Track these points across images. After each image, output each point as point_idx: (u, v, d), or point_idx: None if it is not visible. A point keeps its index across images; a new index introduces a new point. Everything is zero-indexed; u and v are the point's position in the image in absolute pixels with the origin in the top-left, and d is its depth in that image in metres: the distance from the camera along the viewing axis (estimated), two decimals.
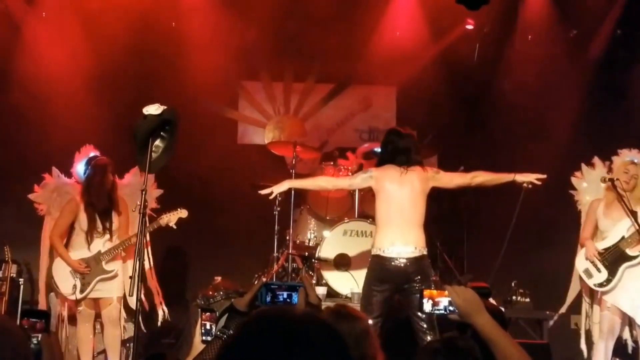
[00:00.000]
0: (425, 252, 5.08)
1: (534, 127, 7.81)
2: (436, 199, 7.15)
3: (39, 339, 1.95)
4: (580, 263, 5.67)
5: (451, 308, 2.46)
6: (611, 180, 5.54)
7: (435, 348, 2.54)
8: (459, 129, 7.99)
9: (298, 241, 6.91)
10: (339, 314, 2.89)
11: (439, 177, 5.23)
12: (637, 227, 5.39)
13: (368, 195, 6.94)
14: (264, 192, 5.31)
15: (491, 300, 5.34)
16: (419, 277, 4.97)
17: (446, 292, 2.46)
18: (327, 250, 6.46)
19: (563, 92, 7.79)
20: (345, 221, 6.58)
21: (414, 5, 8.11)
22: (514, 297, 6.45)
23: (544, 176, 5.18)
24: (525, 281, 6.64)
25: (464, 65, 8.13)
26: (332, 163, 7.06)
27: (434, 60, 8.08)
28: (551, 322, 6.12)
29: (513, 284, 6.48)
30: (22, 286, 6.70)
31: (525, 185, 5.18)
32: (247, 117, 8.55)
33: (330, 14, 7.66)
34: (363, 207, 6.97)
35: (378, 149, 7.17)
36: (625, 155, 5.75)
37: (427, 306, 2.56)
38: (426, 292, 2.57)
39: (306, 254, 6.73)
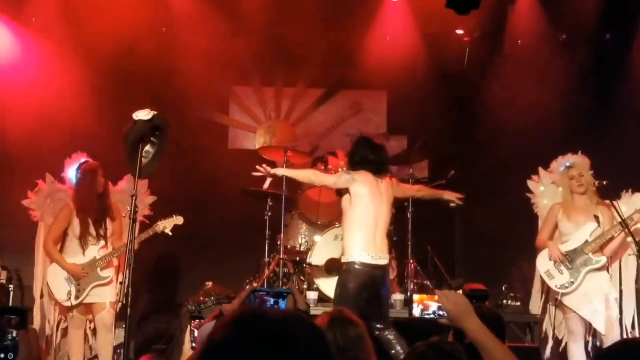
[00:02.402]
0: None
1: (523, 131, 7.83)
2: (426, 203, 7.19)
3: (14, 335, 1.95)
4: (542, 264, 5.74)
5: (441, 312, 2.47)
6: (600, 184, 5.59)
7: (422, 351, 2.53)
8: (449, 133, 8.01)
9: (289, 246, 6.90)
10: (335, 318, 2.90)
11: (399, 188, 5.60)
12: (630, 233, 5.44)
13: None
14: (259, 168, 5.31)
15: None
16: (386, 285, 5.10)
17: (436, 297, 2.47)
18: (318, 255, 6.46)
19: (553, 95, 7.81)
20: (336, 226, 6.57)
21: (404, 10, 8.13)
22: (504, 301, 6.46)
23: (461, 196, 5.76)
24: (515, 285, 6.66)
25: (454, 70, 8.15)
26: (323, 167, 7.07)
27: (424, 65, 8.09)
28: None
29: (504, 288, 6.50)
30: (11, 292, 6.66)
31: (452, 204, 5.76)
32: (238, 122, 8.55)
33: (321, 19, 7.68)
34: None
35: None
36: (559, 167, 5.86)
37: (417, 310, 2.56)
38: (416, 297, 2.58)
39: (297, 258, 6.72)
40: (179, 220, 5.81)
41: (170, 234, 5.78)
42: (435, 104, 8.08)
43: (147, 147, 4.37)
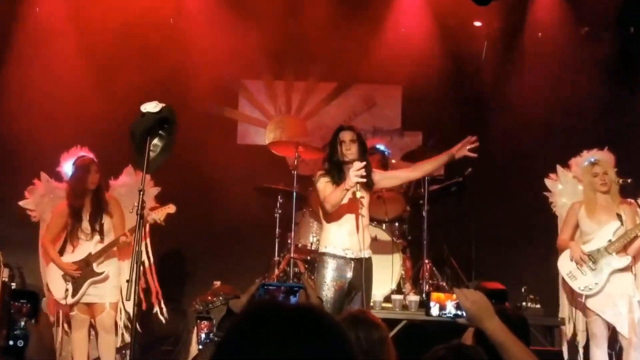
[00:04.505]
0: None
1: (543, 127, 7.79)
2: (442, 200, 7.17)
3: (24, 324, 1.95)
4: (564, 265, 5.71)
5: (459, 312, 2.44)
6: (625, 182, 5.57)
7: (442, 355, 2.51)
8: (466, 129, 7.95)
9: (300, 245, 6.89)
10: (358, 319, 2.85)
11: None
12: None
13: (372, 197, 6.92)
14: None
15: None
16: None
17: (454, 295, 2.45)
18: None
19: (573, 91, 7.77)
20: None
21: (420, 1, 8.11)
22: (524, 303, 6.44)
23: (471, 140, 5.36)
24: (535, 286, 6.62)
25: (471, 64, 8.11)
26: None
27: (440, 58, 8.06)
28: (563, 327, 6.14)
29: (523, 290, 6.47)
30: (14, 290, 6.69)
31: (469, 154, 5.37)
32: (248, 117, 8.55)
33: (334, 11, 7.67)
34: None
35: (380, 146, 7.23)
36: (583, 161, 5.81)
37: (435, 310, 2.54)
38: (434, 295, 2.55)
39: (308, 257, 6.72)
40: (170, 208, 5.75)
41: (163, 223, 5.73)
42: (451, 99, 8.05)
43: (155, 141, 4.36)
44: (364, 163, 4.98)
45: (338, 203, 5.07)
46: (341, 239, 5.21)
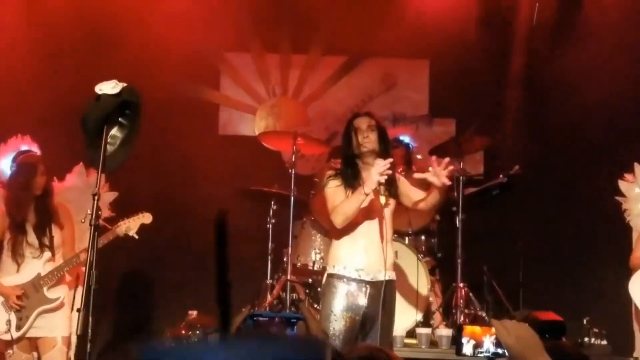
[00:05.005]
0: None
1: (614, 114, 7.78)
2: (481, 207, 7.18)
3: None
4: (637, 290, 5.72)
5: (499, 350, 2.47)
6: None
7: None
8: (511, 115, 8.00)
9: (299, 264, 6.93)
10: (375, 358, 2.88)
11: None
12: None
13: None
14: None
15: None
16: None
17: (493, 329, 2.47)
18: None
19: None
20: None
21: None
22: (586, 339, 6.47)
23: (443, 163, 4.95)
24: (601, 317, 6.65)
25: (518, 32, 8.13)
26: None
27: (479, 25, 8.08)
28: None
29: (585, 321, 6.50)
30: None
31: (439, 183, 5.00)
32: (232, 100, 8.58)
33: None
34: None
35: (403, 137, 7.25)
36: None
37: (468, 348, 2.56)
38: (467, 329, 2.58)
39: (310, 280, 6.74)
40: (146, 218, 5.81)
41: (136, 237, 5.78)
42: (492, 77, 8.07)
43: (114, 131, 4.38)
44: (390, 160, 4.91)
45: (352, 215, 5.02)
46: (354, 256, 5.20)
